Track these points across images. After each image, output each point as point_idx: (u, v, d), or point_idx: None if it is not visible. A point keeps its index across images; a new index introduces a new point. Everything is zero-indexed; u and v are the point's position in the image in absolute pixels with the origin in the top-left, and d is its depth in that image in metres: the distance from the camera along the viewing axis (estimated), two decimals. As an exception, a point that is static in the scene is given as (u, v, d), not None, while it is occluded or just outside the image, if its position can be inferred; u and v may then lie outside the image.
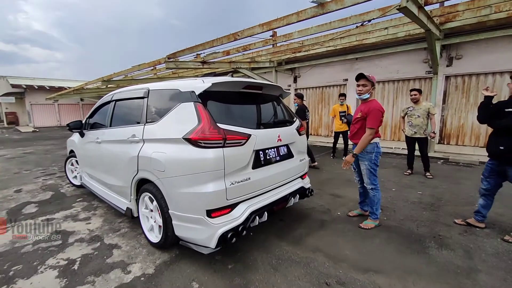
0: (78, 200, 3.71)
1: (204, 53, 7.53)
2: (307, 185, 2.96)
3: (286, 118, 2.89)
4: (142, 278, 1.99)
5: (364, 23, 4.43)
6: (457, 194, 3.82)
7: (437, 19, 5.95)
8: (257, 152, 2.26)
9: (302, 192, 2.85)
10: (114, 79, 10.84)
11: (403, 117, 5.04)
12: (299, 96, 5.39)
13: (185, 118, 2.08)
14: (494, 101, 2.62)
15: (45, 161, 6.65)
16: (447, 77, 8.00)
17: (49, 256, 2.28)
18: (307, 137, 5.53)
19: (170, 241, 2.22)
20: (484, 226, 2.74)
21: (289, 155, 2.68)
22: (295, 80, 12.08)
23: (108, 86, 12.83)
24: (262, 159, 2.31)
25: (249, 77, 10.16)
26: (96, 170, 3.41)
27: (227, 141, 1.99)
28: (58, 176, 4.99)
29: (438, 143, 8.22)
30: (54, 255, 2.31)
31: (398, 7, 3.41)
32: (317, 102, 11.76)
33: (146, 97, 2.59)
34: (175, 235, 2.13)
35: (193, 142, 1.94)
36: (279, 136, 2.50)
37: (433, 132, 4.77)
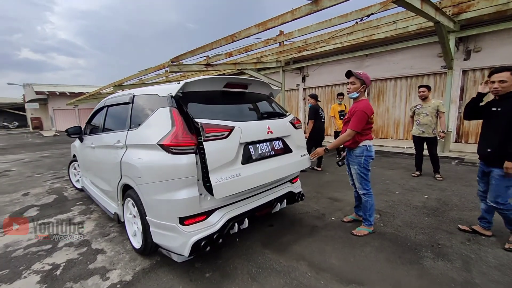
0: (77, 203, 3.82)
1: (208, 55, 7.56)
2: (297, 190, 2.85)
3: (277, 111, 2.79)
4: (118, 286, 1.98)
5: (364, 19, 4.22)
6: (467, 197, 3.53)
7: (449, 10, 5.58)
8: (246, 147, 2.16)
9: (290, 197, 2.74)
10: (125, 83, 11.18)
11: (412, 116, 4.72)
12: (313, 97, 5.28)
13: (161, 123, 2.05)
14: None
15: (58, 164, 6.96)
16: (465, 72, 7.51)
17: (36, 261, 2.34)
18: (323, 138, 5.37)
19: (149, 247, 2.20)
20: (491, 234, 2.50)
21: (286, 149, 2.55)
22: (303, 80, 11.87)
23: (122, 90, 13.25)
24: (252, 153, 2.21)
25: (255, 77, 10.10)
26: (91, 174, 3.49)
27: (207, 135, 1.90)
28: (65, 180, 5.18)
29: (455, 141, 7.73)
30: (41, 259, 2.37)
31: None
32: (326, 101, 11.48)
33: (131, 103, 2.60)
34: (154, 241, 2.11)
35: (166, 148, 1.90)
36: (269, 128, 2.36)
37: (442, 132, 4.46)
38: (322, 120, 5.35)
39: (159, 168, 1.95)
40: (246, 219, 2.22)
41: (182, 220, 1.88)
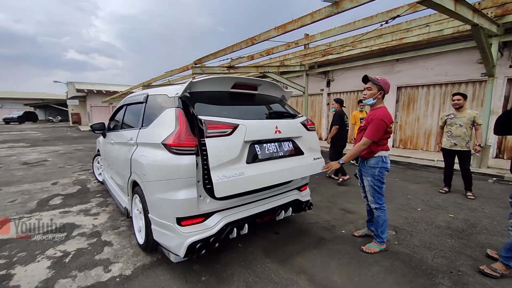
0: (97, 195, 4.05)
1: (231, 57, 7.67)
2: (305, 198, 2.73)
3: (287, 112, 2.71)
4: (118, 279, 2.03)
5: (389, 21, 3.97)
6: (500, 220, 3.14)
7: (491, 12, 5.07)
8: (252, 146, 2.12)
9: (297, 205, 2.64)
10: (153, 84, 11.74)
11: (442, 127, 4.31)
12: (338, 101, 5.03)
13: (167, 123, 2.08)
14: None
15: (87, 157, 7.47)
16: (510, 80, 6.78)
17: (51, 247, 2.50)
18: (344, 146, 5.15)
19: (151, 244, 2.24)
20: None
21: (297, 151, 2.46)
22: (328, 84, 11.57)
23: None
24: (259, 153, 2.15)
25: (277, 81, 10.04)
26: (110, 168, 3.67)
27: (209, 131, 1.88)
28: (90, 172, 5.53)
29: (495, 157, 7.00)
30: (55, 246, 2.52)
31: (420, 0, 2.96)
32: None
33: (145, 102, 2.69)
34: (154, 239, 2.14)
35: (168, 147, 1.93)
36: (276, 128, 2.28)
37: (479, 145, 4.04)
38: (347, 128, 5.10)
39: (161, 167, 1.98)
40: (246, 224, 2.17)
41: (179, 221, 1.88)
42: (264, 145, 2.22)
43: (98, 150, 4.64)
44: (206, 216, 1.98)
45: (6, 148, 9.45)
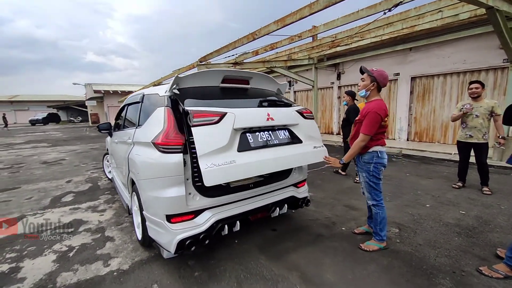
0: (106, 193, 4.21)
1: (236, 53, 7.65)
2: (302, 195, 2.69)
3: (280, 100, 2.63)
4: (115, 273, 2.11)
5: (392, 9, 3.77)
6: (516, 218, 2.94)
7: (511, -7, 4.68)
8: (243, 135, 2.07)
9: (293, 203, 2.61)
10: (163, 82, 11.97)
11: (457, 116, 3.94)
12: (350, 94, 4.75)
13: (157, 122, 2.11)
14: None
15: (101, 156, 7.77)
16: (535, 65, 6.27)
17: (58, 242, 2.64)
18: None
19: (147, 240, 2.30)
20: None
21: (294, 139, 2.37)
22: (338, 77, 11.26)
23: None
24: (251, 141, 2.08)
25: (285, 76, 9.91)
26: (115, 167, 3.80)
27: (195, 120, 1.82)
28: (102, 170, 5.75)
29: (519, 149, 6.53)
30: (62, 241, 2.66)
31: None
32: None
33: (141, 102, 2.74)
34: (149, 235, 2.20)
35: (157, 146, 1.96)
36: (268, 115, 2.20)
37: (502, 138, 3.75)
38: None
39: (151, 165, 2.01)
40: (238, 222, 2.17)
41: (169, 218, 1.92)
42: (257, 133, 2.15)
43: (107, 149, 4.81)
44: (196, 213, 2.00)
45: (29, 148, 10.04)
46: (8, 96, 39.17)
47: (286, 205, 2.52)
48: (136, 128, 2.59)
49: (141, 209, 2.25)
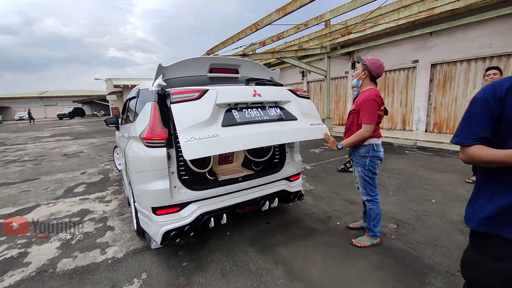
0: (114, 184, 4.41)
1: (245, 45, 7.55)
2: (295, 188, 2.65)
3: (269, 80, 2.53)
4: (109, 261, 2.23)
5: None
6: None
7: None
8: (228, 111, 1.99)
9: (285, 196, 2.58)
10: (176, 76, 12.15)
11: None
12: None
13: (145, 117, 2.14)
14: None
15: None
16: None
17: (64, 230, 2.82)
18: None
19: (141, 231, 2.39)
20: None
21: (287, 116, 2.22)
22: (353, 66, 10.81)
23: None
24: (237, 117, 1.99)
25: (295, 66, 9.67)
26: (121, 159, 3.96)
27: (174, 97, 1.78)
28: (114, 162, 6.02)
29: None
30: (67, 229, 2.84)
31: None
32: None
33: (137, 97, 2.80)
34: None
35: (143, 140, 2.00)
36: (255, 91, 2.09)
37: None
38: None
39: (138, 159, 2.07)
40: (225, 215, 2.19)
41: (155, 210, 1.97)
42: (244, 110, 2.04)
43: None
44: (182, 206, 2.04)
45: (54, 141, 10.72)
46: (38, 92, 41.84)
47: (276, 199, 2.50)
48: (132, 122, 2.66)
49: (134, 201, 2.34)
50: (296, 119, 2.25)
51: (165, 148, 1.94)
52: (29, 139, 11.70)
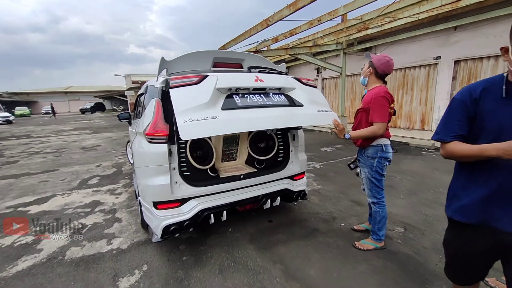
0: (126, 177, 4.56)
1: (257, 41, 7.50)
2: (298, 188, 2.61)
3: (273, 69, 2.49)
4: (114, 251, 2.31)
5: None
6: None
7: None
8: (229, 96, 1.94)
9: (287, 195, 2.55)
10: (190, 73, 12.31)
11: None
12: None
13: (150, 113, 2.19)
14: None
15: (132, 143, 8.41)
16: None
17: (75, 219, 2.95)
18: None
19: (145, 223, 2.46)
20: None
21: (292, 103, 2.14)
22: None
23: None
24: (238, 101, 1.93)
25: (310, 63, 9.49)
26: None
27: (173, 82, 1.78)
28: (127, 156, 6.23)
29: None
30: (79, 219, 2.97)
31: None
32: (396, 88, 9.88)
33: (145, 93, 2.87)
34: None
35: (145, 136, 2.04)
36: (257, 77, 2.06)
37: None
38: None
39: (141, 154, 2.12)
40: (225, 212, 2.20)
41: (156, 204, 2.01)
42: (246, 96, 1.98)
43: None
44: (182, 201, 2.07)
45: (75, 134, 11.25)
46: (62, 88, 44.01)
47: (278, 197, 2.48)
48: (140, 118, 2.73)
49: (139, 194, 2.41)
50: (302, 106, 2.15)
51: (166, 144, 1.97)
52: (52, 132, 12.36)
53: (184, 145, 2.20)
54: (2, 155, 6.92)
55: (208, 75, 1.88)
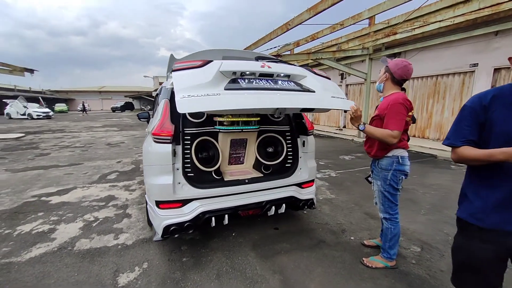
0: (142, 174, 4.71)
1: (278, 45, 7.47)
2: (305, 196, 2.51)
3: (284, 62, 2.44)
4: (119, 246, 2.37)
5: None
6: None
7: None
8: (234, 79, 1.90)
9: (294, 203, 2.45)
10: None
11: None
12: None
13: (159, 113, 2.24)
14: None
15: (153, 141, 8.73)
16: None
17: (89, 212, 3.09)
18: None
19: (150, 221, 2.49)
20: None
21: (302, 89, 2.05)
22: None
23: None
24: (242, 83, 1.88)
25: (333, 68, 9.26)
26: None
27: (176, 65, 1.80)
28: (148, 154, 6.46)
29: None
30: (92, 212, 3.10)
31: None
32: (426, 96, 9.33)
33: (159, 93, 2.94)
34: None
35: (152, 136, 2.08)
36: (264, 64, 2.02)
37: None
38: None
39: (148, 154, 2.16)
40: (227, 216, 2.16)
41: (158, 204, 2.03)
42: (252, 80, 1.92)
43: (149, 136, 5.36)
44: (184, 202, 2.07)
45: (103, 131, 11.95)
46: (97, 87, 47.26)
47: (284, 205, 2.39)
48: (152, 118, 2.80)
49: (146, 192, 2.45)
50: (314, 92, 2.04)
51: (170, 145, 1.99)
52: (84, 128, 13.25)
53: (189, 146, 2.20)
54: (38, 147, 7.52)
55: (212, 61, 1.87)
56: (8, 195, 3.65)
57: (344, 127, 12.99)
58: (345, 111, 2.00)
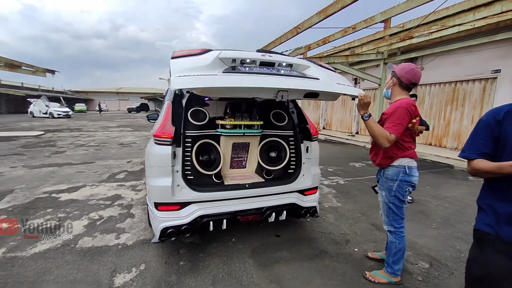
0: (150, 174, 4.79)
1: (289, 50, 7.42)
2: (308, 204, 2.44)
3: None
4: (119, 246, 2.39)
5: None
6: None
7: None
8: (234, 67, 1.93)
9: (295, 210, 2.39)
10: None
11: None
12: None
13: (161, 115, 2.26)
14: None
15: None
16: None
17: (95, 210, 3.15)
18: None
19: (150, 222, 2.50)
20: None
21: (305, 76, 2.05)
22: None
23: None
24: (241, 69, 1.92)
25: (346, 73, 9.08)
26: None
27: (175, 53, 1.87)
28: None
29: None
30: (98, 210, 3.16)
31: None
32: (444, 103, 8.97)
33: (165, 96, 2.97)
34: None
35: (153, 138, 2.09)
36: (264, 54, 2.06)
37: None
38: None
39: (148, 155, 2.17)
40: (225, 220, 2.13)
41: (156, 205, 2.03)
42: (253, 67, 1.97)
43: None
44: (183, 205, 2.05)
45: (117, 131, 12.31)
46: (115, 88, 48.93)
47: (285, 212, 2.33)
48: (157, 120, 2.83)
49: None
50: (318, 79, 2.00)
51: (170, 147, 1.99)
52: (100, 128, 13.70)
53: (190, 149, 2.20)
54: (55, 145, 7.83)
55: (212, 50, 1.91)
56: (22, 190, 3.79)
57: (357, 133, 12.69)
58: (353, 99, 1.97)
